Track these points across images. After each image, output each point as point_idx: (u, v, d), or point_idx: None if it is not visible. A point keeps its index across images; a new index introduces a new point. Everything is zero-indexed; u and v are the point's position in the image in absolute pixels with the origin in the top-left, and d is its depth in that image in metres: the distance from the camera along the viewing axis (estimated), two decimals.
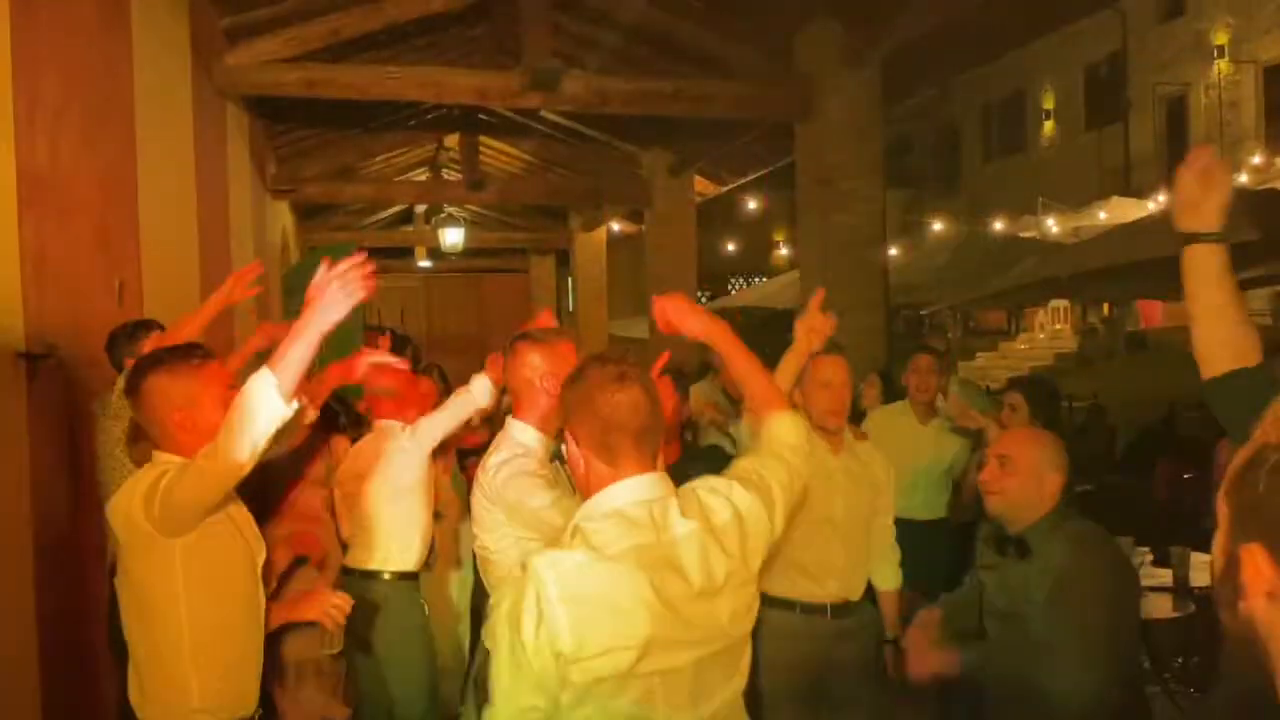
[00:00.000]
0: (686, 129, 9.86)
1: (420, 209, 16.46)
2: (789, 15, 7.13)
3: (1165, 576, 4.25)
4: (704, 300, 20.67)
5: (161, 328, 3.38)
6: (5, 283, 2.93)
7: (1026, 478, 2.44)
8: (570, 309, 18.41)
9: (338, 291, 1.91)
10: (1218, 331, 1.77)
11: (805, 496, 2.02)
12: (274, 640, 2.41)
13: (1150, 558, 4.43)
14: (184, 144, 5.54)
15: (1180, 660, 4.29)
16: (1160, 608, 3.98)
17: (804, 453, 2.00)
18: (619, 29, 7.72)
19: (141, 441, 2.73)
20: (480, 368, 3.19)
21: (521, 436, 2.44)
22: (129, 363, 3.31)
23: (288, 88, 6.88)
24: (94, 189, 3.82)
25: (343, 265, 1.92)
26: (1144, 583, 4.02)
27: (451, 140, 12.61)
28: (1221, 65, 16.60)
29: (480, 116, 11.10)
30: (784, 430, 1.99)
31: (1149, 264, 8.83)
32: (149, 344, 3.33)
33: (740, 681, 1.78)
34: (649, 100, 7.51)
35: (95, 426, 3.19)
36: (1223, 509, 0.94)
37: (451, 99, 8.57)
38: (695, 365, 6.72)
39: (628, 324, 16.74)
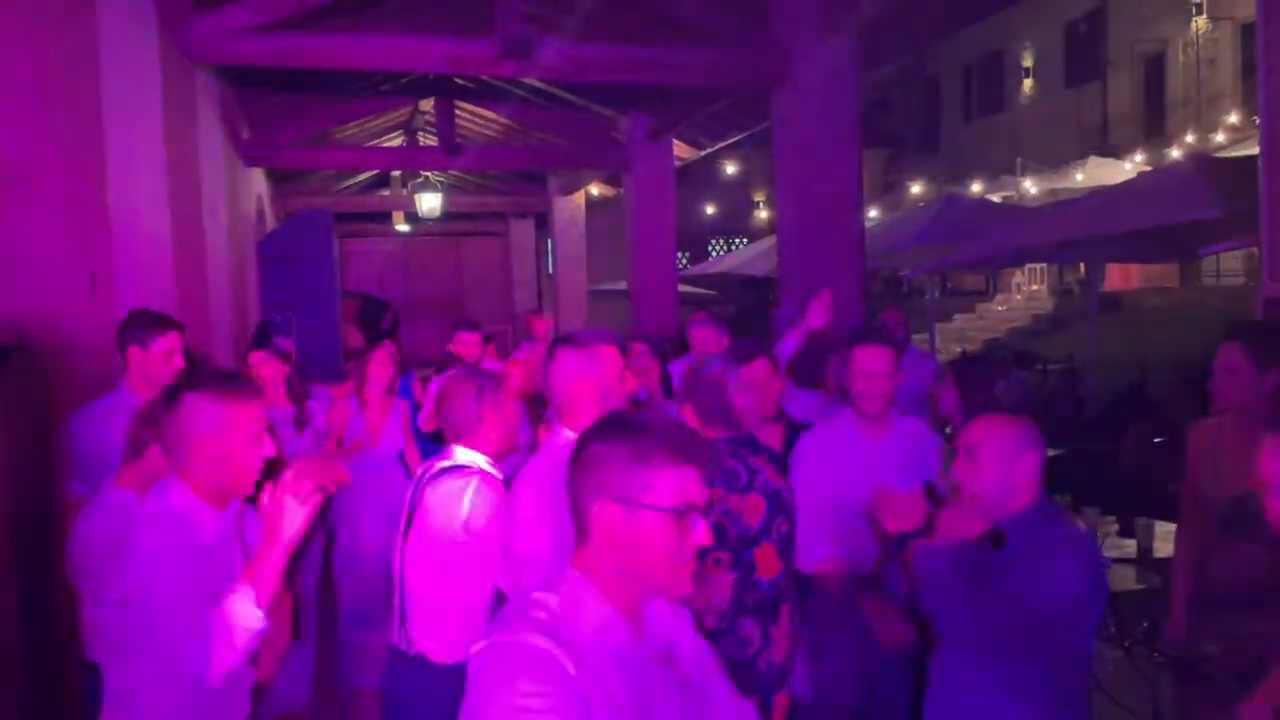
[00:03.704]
0: (664, 94, 9.78)
1: (397, 173, 16.32)
2: None
3: (1130, 547, 4.35)
4: (684, 262, 20.66)
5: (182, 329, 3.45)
6: None
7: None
8: (550, 272, 18.36)
9: (292, 502, 1.93)
10: None
11: None
12: None
13: (1116, 528, 4.52)
14: (152, 119, 5.46)
15: (1145, 625, 4.39)
16: (1124, 579, 4.07)
17: None
18: None
19: (135, 461, 2.74)
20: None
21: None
22: (133, 350, 3.32)
23: (257, 57, 6.77)
24: (61, 172, 3.76)
25: (289, 478, 1.94)
26: (1109, 554, 4.11)
27: (427, 104, 12.47)
28: (1199, 22, 16.58)
29: (456, 81, 10.97)
30: None
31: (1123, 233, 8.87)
32: (163, 343, 3.35)
33: None
34: (622, 68, 7.44)
35: None
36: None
37: (424, 68, 8.46)
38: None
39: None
